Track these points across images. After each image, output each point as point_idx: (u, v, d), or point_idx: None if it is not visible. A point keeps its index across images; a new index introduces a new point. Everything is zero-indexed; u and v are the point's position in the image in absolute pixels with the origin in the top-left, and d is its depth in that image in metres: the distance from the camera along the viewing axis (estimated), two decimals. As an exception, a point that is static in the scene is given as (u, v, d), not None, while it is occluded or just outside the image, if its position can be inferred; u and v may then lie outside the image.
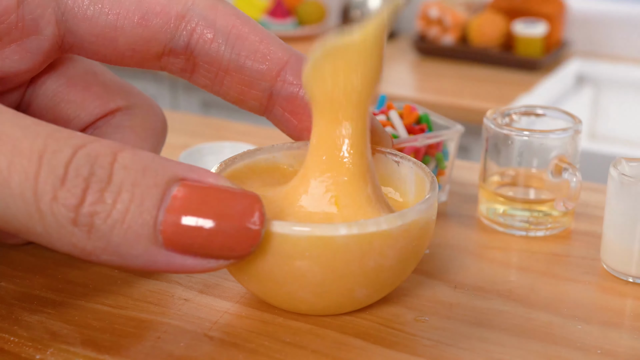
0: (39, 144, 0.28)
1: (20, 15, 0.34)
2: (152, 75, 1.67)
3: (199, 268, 0.30)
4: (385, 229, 0.32)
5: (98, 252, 0.29)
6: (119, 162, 0.29)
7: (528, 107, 0.48)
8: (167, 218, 0.29)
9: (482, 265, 0.41)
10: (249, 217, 0.30)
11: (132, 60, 0.36)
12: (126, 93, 0.40)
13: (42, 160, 0.28)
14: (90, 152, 0.29)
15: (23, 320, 0.34)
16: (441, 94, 1.42)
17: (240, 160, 0.38)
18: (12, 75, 0.35)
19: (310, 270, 0.32)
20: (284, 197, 0.35)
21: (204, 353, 0.32)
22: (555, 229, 0.45)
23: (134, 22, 0.35)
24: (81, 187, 0.28)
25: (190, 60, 0.36)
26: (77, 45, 0.35)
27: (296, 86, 0.36)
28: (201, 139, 0.61)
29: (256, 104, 0.37)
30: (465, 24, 1.60)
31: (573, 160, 0.45)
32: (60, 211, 0.28)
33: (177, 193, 0.29)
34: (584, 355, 0.33)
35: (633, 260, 0.39)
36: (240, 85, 0.36)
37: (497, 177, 0.46)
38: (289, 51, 0.36)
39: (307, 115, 0.36)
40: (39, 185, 0.28)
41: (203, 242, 0.29)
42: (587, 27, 1.68)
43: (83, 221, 0.28)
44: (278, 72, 0.36)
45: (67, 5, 0.34)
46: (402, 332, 0.34)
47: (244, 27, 0.35)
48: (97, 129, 0.39)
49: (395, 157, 0.38)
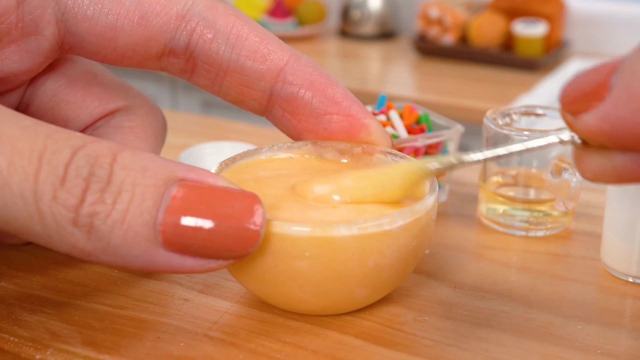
0: (38, 144, 0.28)
1: (20, 16, 0.34)
2: (152, 75, 1.67)
3: (199, 268, 0.30)
4: (385, 229, 0.32)
5: (98, 252, 0.29)
6: (119, 162, 0.29)
7: (528, 107, 0.48)
8: (166, 218, 0.29)
9: (482, 265, 0.41)
10: (248, 217, 0.30)
11: (132, 61, 0.36)
12: (126, 94, 0.40)
13: (41, 160, 0.28)
14: (90, 153, 0.29)
15: (23, 320, 0.34)
16: (441, 94, 1.42)
17: (240, 160, 0.38)
18: (12, 75, 0.35)
19: (310, 270, 0.32)
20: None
21: (204, 353, 0.32)
22: (555, 229, 0.45)
23: (134, 22, 0.35)
24: (81, 187, 0.28)
25: (190, 60, 0.36)
26: (77, 45, 0.35)
27: (296, 86, 0.36)
28: (201, 139, 0.61)
29: (256, 104, 0.37)
30: (465, 24, 1.60)
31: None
32: (60, 212, 0.28)
33: (177, 193, 0.29)
34: (584, 355, 0.33)
35: (633, 260, 0.39)
36: (240, 85, 0.36)
37: (497, 177, 0.46)
38: (289, 51, 0.36)
39: (306, 115, 0.36)
40: (39, 185, 0.28)
41: (202, 242, 0.29)
42: (587, 27, 1.68)
43: (83, 222, 0.28)
44: (278, 72, 0.36)
45: (66, 5, 0.34)
46: (402, 332, 0.34)
47: (243, 27, 0.35)
48: (97, 130, 0.39)
49: (395, 157, 0.38)
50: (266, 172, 0.37)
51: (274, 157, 0.38)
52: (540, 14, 1.57)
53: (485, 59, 1.55)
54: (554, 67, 1.55)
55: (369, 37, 1.76)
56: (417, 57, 1.63)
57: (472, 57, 1.56)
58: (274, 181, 0.36)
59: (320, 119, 0.37)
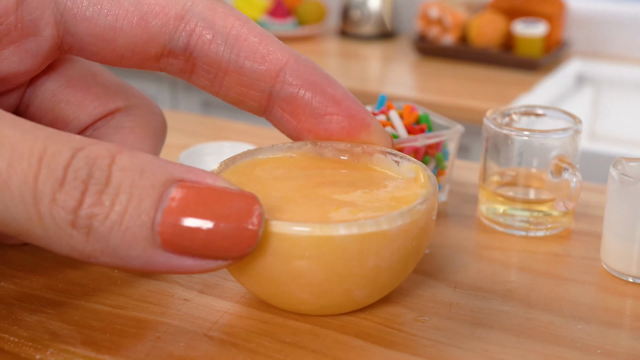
0: (38, 146, 0.28)
1: (19, 17, 0.34)
2: (152, 75, 1.67)
3: (198, 269, 0.30)
4: (384, 229, 0.32)
5: (97, 254, 0.29)
6: (117, 164, 0.29)
7: (528, 107, 0.48)
8: (164, 219, 0.29)
9: (482, 265, 0.41)
10: (246, 217, 0.30)
11: (131, 61, 0.36)
12: (125, 93, 0.40)
13: (41, 163, 0.28)
14: (89, 155, 0.29)
15: (23, 320, 0.34)
16: (441, 94, 1.42)
17: (240, 160, 0.38)
18: (11, 76, 0.35)
19: (309, 270, 0.32)
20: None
21: (204, 353, 0.32)
22: (555, 229, 0.45)
23: (133, 23, 0.34)
24: (79, 189, 0.28)
25: (189, 61, 0.36)
26: (76, 46, 0.35)
27: (295, 87, 0.36)
28: (201, 139, 0.61)
29: (255, 104, 0.37)
30: (465, 24, 1.60)
31: (573, 160, 0.45)
32: (59, 214, 0.28)
33: (175, 194, 0.29)
34: (584, 355, 0.33)
35: (633, 260, 0.39)
36: (239, 86, 0.36)
37: (497, 177, 0.46)
38: (288, 52, 0.36)
39: (306, 115, 0.36)
40: (38, 187, 0.28)
41: (201, 242, 0.29)
42: (587, 27, 1.68)
43: (81, 223, 0.28)
44: (277, 72, 0.36)
45: (66, 6, 0.34)
46: (402, 332, 0.34)
47: (243, 27, 0.35)
48: (97, 130, 0.39)
49: (395, 157, 0.38)
50: (266, 172, 0.37)
51: (274, 157, 0.38)
52: (540, 14, 1.57)
53: (485, 59, 1.55)
54: (554, 67, 1.55)
55: (369, 37, 1.77)
56: (417, 57, 1.63)
57: (472, 57, 1.56)
58: (274, 181, 0.36)
59: (320, 119, 0.37)
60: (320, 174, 0.37)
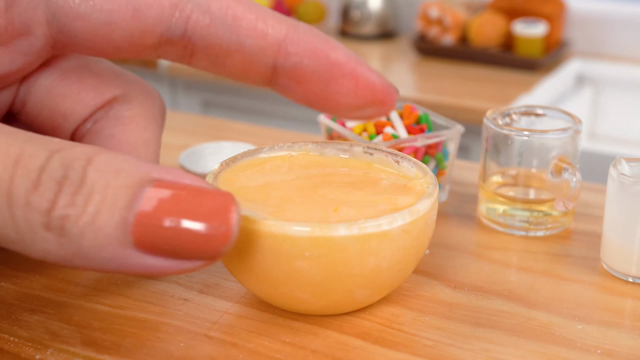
0: (14, 149, 0.28)
1: (9, 19, 0.33)
2: (152, 75, 1.67)
3: (174, 269, 0.30)
4: (384, 230, 0.32)
5: (70, 256, 0.28)
6: (93, 165, 0.28)
7: (528, 107, 0.48)
8: (138, 219, 0.28)
9: (482, 265, 0.41)
10: (220, 216, 0.29)
11: (128, 53, 0.36)
12: (121, 81, 0.39)
13: (17, 165, 0.28)
14: (66, 156, 0.28)
15: (23, 320, 0.34)
16: (441, 94, 1.42)
17: (241, 159, 0.38)
18: (4, 76, 0.35)
19: (309, 270, 0.32)
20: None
21: (204, 353, 0.32)
22: (555, 229, 0.45)
23: (128, 16, 0.34)
24: (53, 190, 0.28)
25: (188, 47, 0.35)
26: (70, 43, 0.35)
27: (298, 56, 0.35)
28: (201, 139, 0.61)
29: (260, 78, 0.36)
30: (465, 24, 1.60)
31: (573, 160, 0.45)
32: (32, 216, 0.28)
33: (149, 194, 0.29)
34: (584, 355, 0.33)
35: (633, 260, 0.39)
36: (242, 63, 0.35)
37: (497, 177, 0.46)
38: (287, 23, 0.36)
39: (312, 81, 0.36)
40: (13, 190, 0.27)
41: (173, 242, 0.29)
42: (587, 27, 1.68)
43: (55, 225, 0.28)
44: (278, 45, 0.35)
45: (57, 5, 0.34)
46: (402, 332, 0.34)
47: (238, 7, 0.35)
48: (97, 122, 0.39)
49: (395, 157, 0.38)
50: (266, 172, 0.37)
51: (274, 157, 0.38)
52: (540, 14, 1.57)
53: (485, 59, 1.55)
54: (554, 67, 1.55)
55: (369, 37, 1.77)
56: (417, 57, 1.63)
57: (472, 57, 1.56)
58: (274, 181, 0.36)
59: (326, 84, 0.36)
60: (320, 174, 0.37)
